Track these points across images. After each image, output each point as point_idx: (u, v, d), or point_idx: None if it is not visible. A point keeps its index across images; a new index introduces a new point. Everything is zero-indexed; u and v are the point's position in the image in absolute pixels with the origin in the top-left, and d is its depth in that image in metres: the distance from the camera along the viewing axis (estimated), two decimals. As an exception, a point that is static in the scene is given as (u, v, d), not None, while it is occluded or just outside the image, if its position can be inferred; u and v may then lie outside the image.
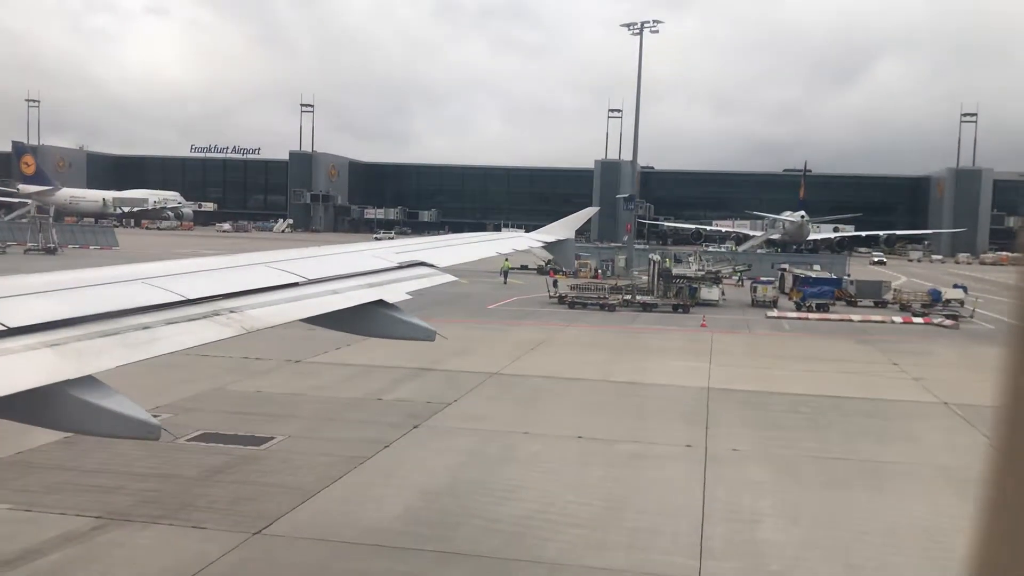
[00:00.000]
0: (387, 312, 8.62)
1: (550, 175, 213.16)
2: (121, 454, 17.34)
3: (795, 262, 68.27)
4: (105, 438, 17.49)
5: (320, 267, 9.10)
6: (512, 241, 15.59)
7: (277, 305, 7.49)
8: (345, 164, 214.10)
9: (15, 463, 16.50)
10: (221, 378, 25.05)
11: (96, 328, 5.75)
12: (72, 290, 6.42)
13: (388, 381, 25.43)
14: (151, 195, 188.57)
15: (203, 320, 6.57)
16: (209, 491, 15.29)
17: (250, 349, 28.90)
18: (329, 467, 16.81)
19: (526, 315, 43.88)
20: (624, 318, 43.78)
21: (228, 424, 19.89)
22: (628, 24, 72.86)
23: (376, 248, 11.14)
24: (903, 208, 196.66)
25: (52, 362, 5.13)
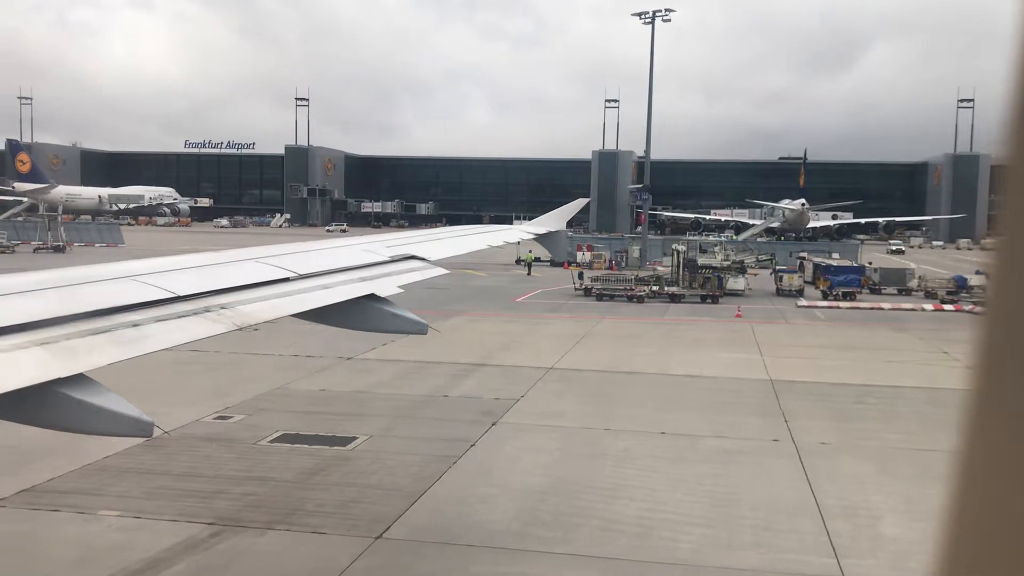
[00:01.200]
0: (379, 306, 8.58)
1: (547, 166, 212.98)
2: (207, 457, 17.08)
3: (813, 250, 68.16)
4: (188, 441, 17.21)
5: (310, 262, 9.04)
6: (503, 234, 15.50)
7: (268, 301, 7.46)
8: (341, 157, 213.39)
9: (105, 468, 16.20)
10: (280, 377, 24.74)
11: (86, 326, 5.72)
12: (61, 288, 6.38)
13: (446, 377, 25.18)
14: (147, 191, 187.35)
15: (193, 317, 6.53)
16: (312, 494, 15.02)
17: (300, 347, 28.66)
18: (422, 467, 16.56)
19: (556, 308, 43.64)
20: (655, 310, 43.59)
21: (303, 424, 19.60)
22: (640, 13, 72.48)
23: (366, 242, 11.04)
24: (900, 195, 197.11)
25: (42, 360, 5.09)
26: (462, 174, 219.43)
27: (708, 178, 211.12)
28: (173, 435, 18.42)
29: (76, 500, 14.45)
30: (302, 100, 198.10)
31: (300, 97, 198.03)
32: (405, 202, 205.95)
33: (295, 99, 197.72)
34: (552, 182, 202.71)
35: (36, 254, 76.23)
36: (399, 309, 8.67)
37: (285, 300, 7.70)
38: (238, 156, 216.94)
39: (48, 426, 5.29)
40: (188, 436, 18.50)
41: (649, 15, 71.71)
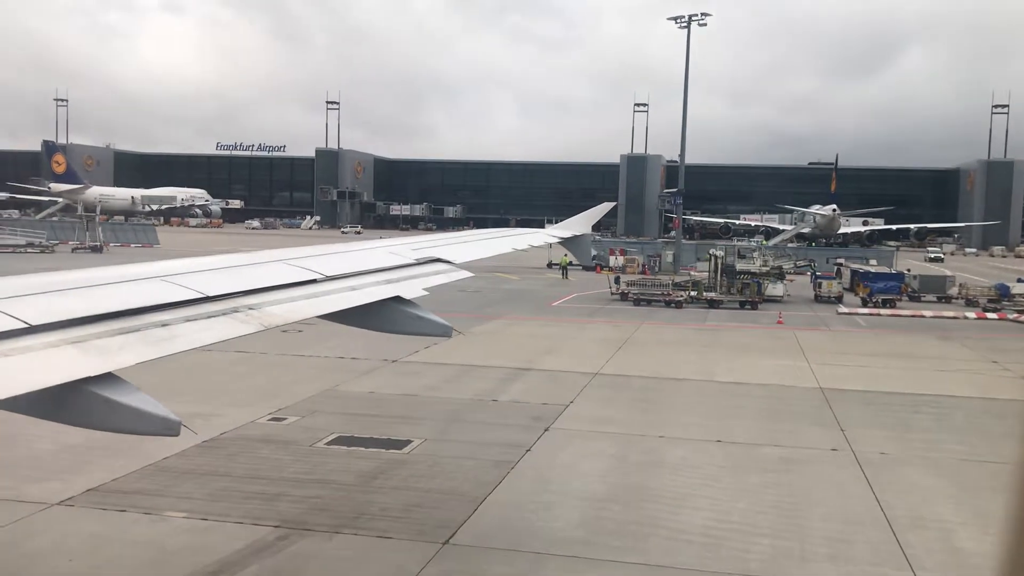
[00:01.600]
0: (404, 308, 8.58)
1: (574, 170, 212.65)
2: (265, 459, 17.12)
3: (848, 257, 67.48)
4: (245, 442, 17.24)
5: (337, 264, 9.07)
6: (528, 237, 15.41)
7: (296, 302, 7.48)
8: (370, 161, 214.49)
9: (165, 469, 16.27)
10: (329, 379, 24.79)
11: (116, 325, 5.77)
12: (92, 288, 6.44)
13: (493, 381, 25.12)
14: (179, 193, 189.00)
15: (222, 317, 6.57)
16: (374, 497, 14.99)
17: (343, 348, 28.74)
18: (480, 471, 16.49)
19: (594, 312, 43.47)
20: (694, 315, 43.30)
21: (357, 427, 19.59)
22: (675, 17, 72.18)
23: (392, 244, 11.01)
24: (931, 201, 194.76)
25: (74, 359, 5.14)
26: (489, 177, 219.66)
27: (737, 183, 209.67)
28: (230, 436, 18.50)
29: (141, 501, 14.50)
30: (333, 103, 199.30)
31: (331, 101, 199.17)
32: (433, 205, 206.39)
33: (326, 102, 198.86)
34: (579, 186, 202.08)
35: (74, 254, 77.14)
36: (424, 311, 8.68)
37: (312, 301, 7.74)
38: (269, 158, 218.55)
39: (78, 424, 5.31)
40: (244, 437, 18.55)
41: (685, 19, 71.38)
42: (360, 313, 8.16)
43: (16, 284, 6.24)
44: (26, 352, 5.02)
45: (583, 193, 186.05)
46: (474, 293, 52.23)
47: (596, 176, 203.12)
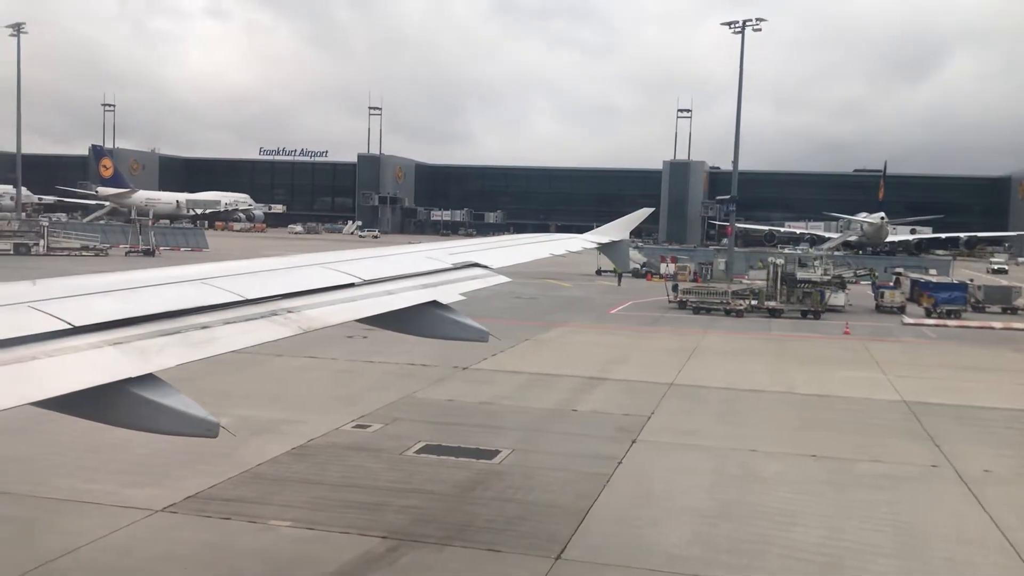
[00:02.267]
0: (441, 312, 8.59)
1: (616, 176, 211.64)
2: (358, 467, 16.99)
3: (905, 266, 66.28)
4: (335, 450, 17.07)
5: (375, 268, 9.09)
6: (566, 242, 15.18)
7: (334, 305, 7.49)
8: (411, 166, 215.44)
9: (260, 476, 16.19)
10: (402, 385, 24.68)
11: (157, 327, 5.83)
12: (133, 290, 6.52)
13: (568, 390, 24.83)
14: (223, 197, 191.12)
15: (261, 320, 6.59)
16: (475, 509, 14.78)
17: (410, 355, 28.70)
18: (576, 484, 16.21)
19: (655, 321, 43.02)
20: (756, 324, 42.68)
21: (441, 435, 19.39)
22: (729, 23, 71.49)
23: (430, 249, 10.97)
24: (980, 209, 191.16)
25: (115, 360, 5.20)
26: (529, 183, 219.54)
27: (780, 190, 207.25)
28: (318, 443, 18.40)
29: (244, 509, 14.41)
30: (375, 109, 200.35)
31: (373, 106, 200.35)
32: (474, 211, 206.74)
33: (368, 108, 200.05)
34: (621, 192, 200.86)
35: (128, 257, 78.17)
36: (461, 316, 8.66)
37: (350, 305, 7.74)
38: (311, 163, 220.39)
39: (118, 424, 5.32)
40: (333, 445, 18.44)
41: (739, 24, 70.69)
42: (397, 317, 8.17)
43: (59, 286, 6.30)
44: (69, 353, 5.08)
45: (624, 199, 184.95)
46: (530, 300, 52.09)
47: (638, 182, 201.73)
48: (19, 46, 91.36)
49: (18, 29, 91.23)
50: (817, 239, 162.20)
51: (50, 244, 74.16)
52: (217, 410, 18.68)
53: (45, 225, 78.65)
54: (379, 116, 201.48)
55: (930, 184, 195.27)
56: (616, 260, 17.31)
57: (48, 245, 73.84)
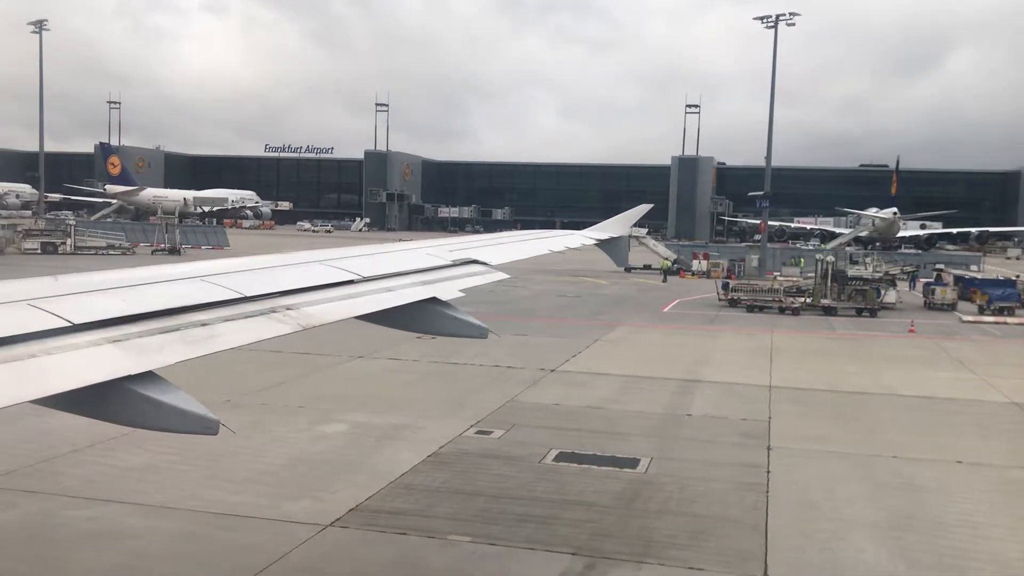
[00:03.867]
0: (441, 309, 8.61)
1: (622, 172, 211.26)
2: (503, 476, 16.45)
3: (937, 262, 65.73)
4: (470, 458, 16.55)
5: (375, 265, 9.08)
6: (565, 239, 15.10)
7: (333, 302, 7.49)
8: (418, 163, 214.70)
9: (411, 487, 15.64)
10: (500, 389, 24.16)
11: (156, 325, 5.83)
12: (133, 287, 6.51)
13: (669, 393, 24.31)
14: (230, 194, 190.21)
15: (260, 317, 6.58)
16: (648, 522, 14.24)
17: (488, 356, 28.46)
18: (736, 494, 15.69)
19: (713, 319, 42.50)
20: (815, 323, 42.20)
21: (566, 442, 18.81)
22: (762, 17, 70.95)
23: (429, 246, 10.97)
24: (989, 204, 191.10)
25: (115, 358, 5.19)
26: (536, 179, 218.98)
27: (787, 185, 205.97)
28: (450, 451, 17.85)
29: (413, 522, 13.86)
30: (382, 105, 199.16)
31: (380, 103, 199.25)
32: (481, 207, 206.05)
33: (375, 104, 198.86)
34: (628, 188, 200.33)
35: (154, 256, 77.52)
36: (461, 313, 8.65)
37: (349, 302, 7.74)
38: (316, 160, 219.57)
39: (118, 422, 5.30)
40: (465, 452, 17.90)
41: (772, 19, 70.15)
42: (397, 314, 8.18)
43: (60, 283, 6.30)
44: (69, 350, 5.07)
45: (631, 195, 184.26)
46: (576, 299, 51.62)
47: (644, 178, 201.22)
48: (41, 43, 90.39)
49: (40, 26, 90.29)
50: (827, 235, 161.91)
51: (76, 243, 73.42)
52: (331, 416, 18.45)
53: (72, 224, 77.92)
54: (386, 112, 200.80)
55: (938, 179, 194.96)
56: (614, 256, 17.05)
57: (75, 244, 73.14)
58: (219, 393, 22.47)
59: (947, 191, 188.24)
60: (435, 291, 8.74)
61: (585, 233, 15.99)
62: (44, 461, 16.43)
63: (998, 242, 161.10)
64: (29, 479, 15.42)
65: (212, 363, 22.40)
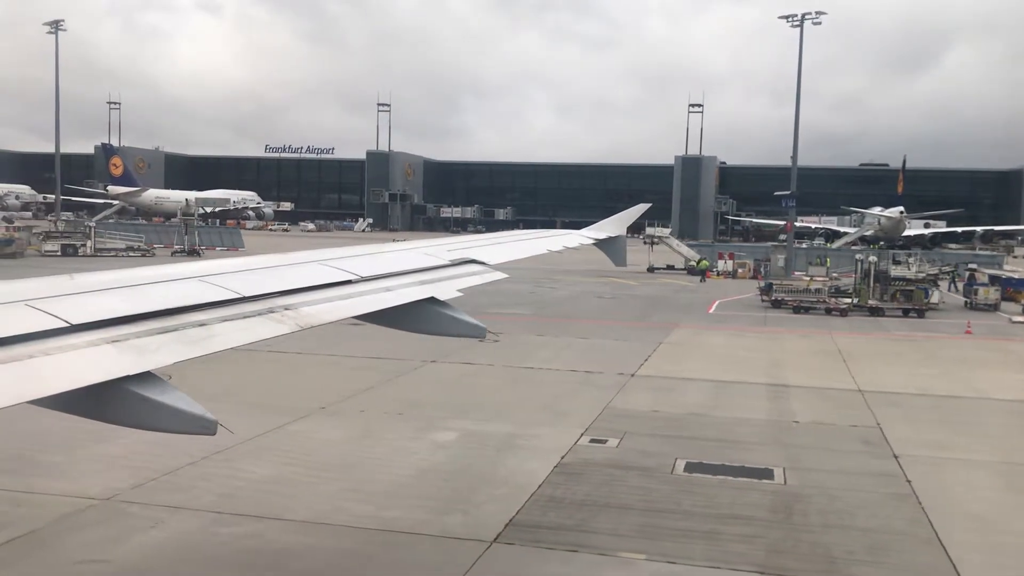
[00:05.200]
0: (439, 309, 8.61)
1: (624, 172, 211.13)
2: (643, 489, 15.94)
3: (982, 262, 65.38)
4: (599, 469, 16.02)
5: (373, 265, 9.10)
6: (563, 239, 15.06)
7: (331, 302, 7.50)
8: (420, 163, 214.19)
9: (556, 499, 15.10)
10: (590, 394, 23.73)
11: (154, 325, 5.83)
12: (131, 287, 6.51)
13: (764, 399, 23.88)
14: (232, 195, 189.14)
15: (258, 317, 6.57)
16: (816, 537, 13.74)
17: (559, 360, 28.40)
18: (889, 506, 15.23)
19: (764, 321, 42.15)
20: (867, 324, 41.87)
21: (689, 451, 18.32)
22: (787, 16, 70.60)
23: (428, 246, 11.03)
24: (990, 203, 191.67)
25: (113, 358, 5.19)
26: (538, 179, 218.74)
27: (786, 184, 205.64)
28: (575, 461, 17.37)
29: (576, 539, 13.33)
30: (384, 105, 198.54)
31: (381, 103, 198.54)
32: (484, 207, 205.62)
33: (377, 104, 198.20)
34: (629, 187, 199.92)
35: (174, 257, 76.81)
36: (459, 312, 8.64)
37: (348, 302, 7.74)
38: (317, 160, 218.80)
39: (116, 422, 5.30)
40: (591, 463, 17.40)
41: (797, 18, 69.81)
42: (395, 314, 8.19)
43: (58, 284, 6.28)
44: (67, 351, 5.07)
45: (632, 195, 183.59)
46: (613, 300, 51.25)
47: (646, 177, 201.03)
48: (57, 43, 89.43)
49: (56, 27, 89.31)
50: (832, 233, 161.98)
51: (96, 245, 72.62)
52: (436, 424, 18.05)
53: (91, 226, 77.12)
54: (387, 112, 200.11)
55: (938, 178, 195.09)
56: (613, 256, 16.84)
57: (95, 246, 72.34)
58: (310, 399, 22.06)
59: (947, 190, 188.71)
60: (433, 291, 8.72)
61: (583, 233, 15.97)
62: (168, 474, 15.87)
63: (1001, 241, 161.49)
64: (162, 493, 14.88)
65: (293, 368, 22.06)
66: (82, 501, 14.31)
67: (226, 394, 22.56)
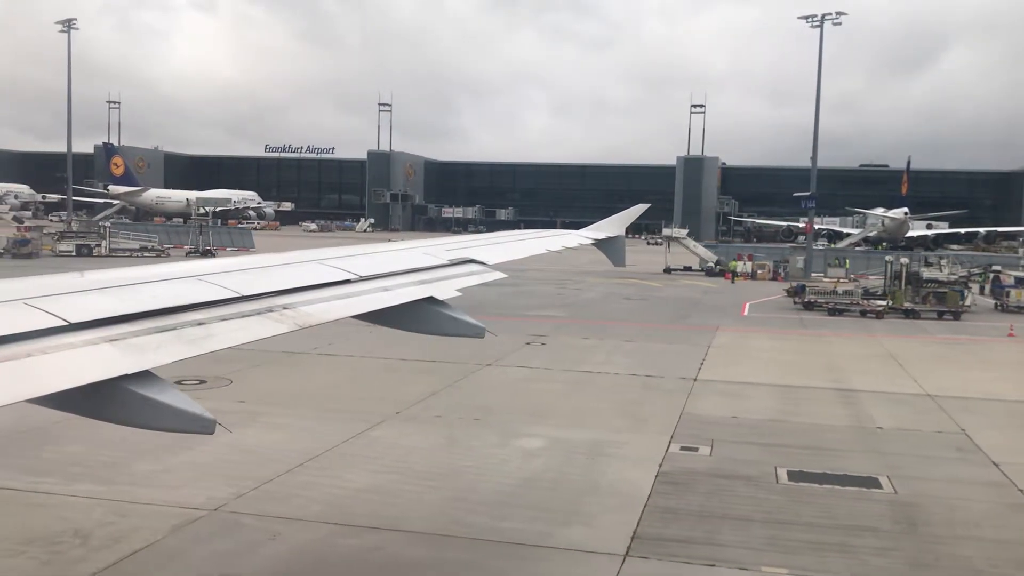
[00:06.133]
0: (437, 309, 8.60)
1: (624, 172, 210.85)
2: (753, 499, 15.50)
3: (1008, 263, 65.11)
4: (703, 478, 15.59)
5: (372, 264, 9.11)
6: (562, 239, 15.00)
7: (329, 302, 7.50)
8: (421, 163, 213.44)
9: (671, 511, 14.66)
10: (659, 399, 23.36)
11: (153, 324, 5.82)
12: (129, 286, 6.49)
13: (836, 404, 23.50)
14: (232, 195, 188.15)
15: (257, 316, 6.57)
16: (950, 549, 13.32)
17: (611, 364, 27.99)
18: (1014, 517, 14.89)
19: (802, 323, 41.81)
20: (907, 326, 41.53)
21: (786, 459, 17.89)
22: (807, 16, 70.31)
23: (426, 245, 11.01)
24: (991, 204, 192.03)
25: (111, 357, 5.19)
26: (538, 179, 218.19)
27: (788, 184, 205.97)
28: (673, 470, 16.95)
29: (710, 552, 12.91)
30: (384, 105, 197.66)
31: (383, 103, 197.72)
32: (485, 207, 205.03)
33: (378, 104, 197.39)
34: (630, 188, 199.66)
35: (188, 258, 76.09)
36: (457, 312, 8.63)
37: (346, 301, 7.73)
38: (317, 160, 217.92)
39: (115, 421, 5.28)
40: (691, 471, 16.97)
41: (817, 18, 69.54)
42: (394, 313, 8.18)
43: (56, 282, 6.28)
44: (65, 350, 5.07)
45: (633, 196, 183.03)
46: (641, 302, 50.89)
47: (647, 178, 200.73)
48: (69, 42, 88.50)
49: (68, 25, 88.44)
50: (835, 234, 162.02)
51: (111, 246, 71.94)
52: (518, 430, 17.76)
53: (107, 226, 76.39)
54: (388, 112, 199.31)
55: (939, 179, 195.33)
56: (612, 256, 16.68)
57: (109, 247, 71.65)
58: (380, 404, 21.68)
59: (948, 191, 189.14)
60: (432, 290, 8.70)
61: (582, 233, 15.85)
62: (266, 483, 15.42)
63: (1003, 242, 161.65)
64: (268, 503, 14.41)
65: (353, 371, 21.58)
66: (190, 512, 13.84)
67: (296, 399, 22.18)
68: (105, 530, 13.01)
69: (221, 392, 22.31)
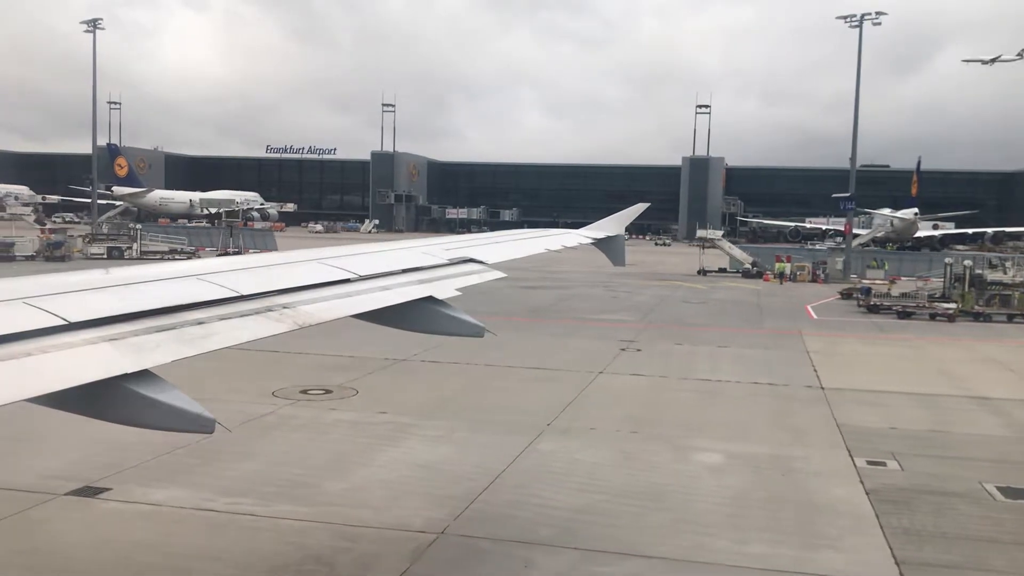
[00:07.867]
0: (437, 308, 8.57)
1: (628, 172, 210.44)
2: (984, 517, 14.74)
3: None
4: (916, 496, 14.74)
5: (371, 263, 9.09)
6: (561, 238, 14.88)
7: (329, 301, 7.48)
8: (424, 164, 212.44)
9: (911, 532, 13.91)
10: (801, 409, 22.59)
11: (152, 323, 5.82)
12: (128, 286, 6.49)
13: (979, 412, 22.81)
14: (235, 196, 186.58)
15: (256, 316, 6.55)
16: None
17: (727, 372, 27.48)
18: None
19: (880, 327, 41.08)
20: (985, 330, 40.91)
21: (972, 472, 17.08)
22: (845, 16, 69.83)
23: (426, 245, 11.00)
24: (994, 204, 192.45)
25: (110, 356, 5.19)
26: (540, 180, 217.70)
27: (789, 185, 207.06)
28: (877, 487, 16.18)
29: (988, 578, 12.17)
30: (388, 106, 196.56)
31: (386, 103, 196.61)
32: (489, 208, 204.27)
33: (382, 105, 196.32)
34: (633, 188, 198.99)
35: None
36: (457, 311, 8.61)
37: (346, 301, 7.71)
38: (319, 161, 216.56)
39: (114, 420, 5.25)
40: (900, 489, 16.15)
41: (856, 18, 69.04)
42: (393, 313, 8.16)
43: (56, 281, 6.24)
44: (64, 349, 5.05)
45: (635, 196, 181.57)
46: (701, 305, 50.14)
47: (649, 178, 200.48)
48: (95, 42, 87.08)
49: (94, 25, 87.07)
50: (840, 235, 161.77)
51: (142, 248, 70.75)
52: (684, 444, 17.53)
53: (139, 228, 75.15)
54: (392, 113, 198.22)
55: (943, 179, 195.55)
56: (612, 256, 16.28)
57: (140, 249, 70.46)
58: (524, 415, 20.93)
59: (951, 191, 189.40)
60: (431, 290, 8.68)
61: (582, 232, 15.64)
62: (471, 503, 14.51)
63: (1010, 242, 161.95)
64: (490, 526, 13.49)
65: (475, 380, 20.70)
66: (417, 535, 12.98)
67: (433, 409, 21.36)
68: (346, 556, 12.14)
69: (352, 403, 21.41)
